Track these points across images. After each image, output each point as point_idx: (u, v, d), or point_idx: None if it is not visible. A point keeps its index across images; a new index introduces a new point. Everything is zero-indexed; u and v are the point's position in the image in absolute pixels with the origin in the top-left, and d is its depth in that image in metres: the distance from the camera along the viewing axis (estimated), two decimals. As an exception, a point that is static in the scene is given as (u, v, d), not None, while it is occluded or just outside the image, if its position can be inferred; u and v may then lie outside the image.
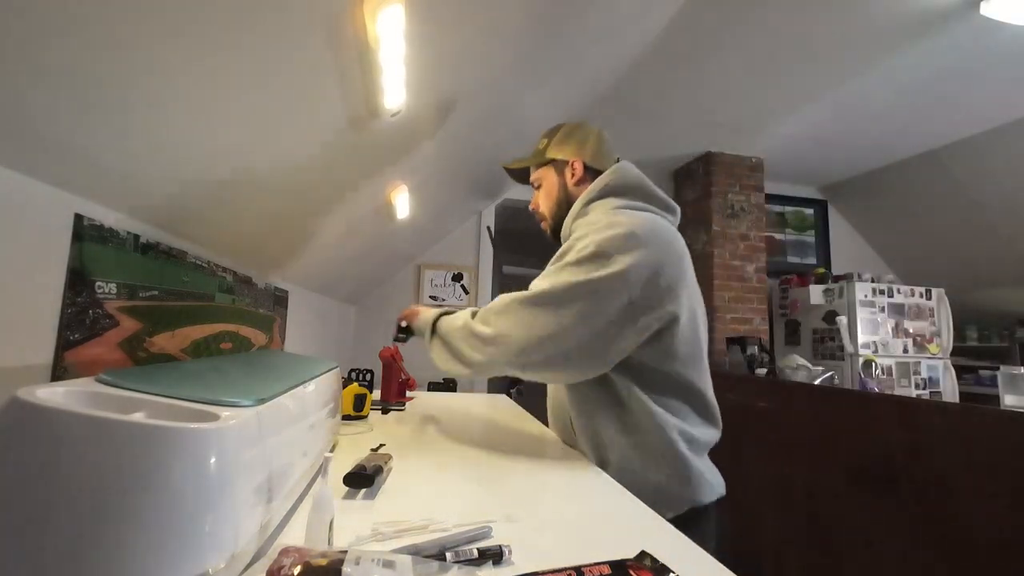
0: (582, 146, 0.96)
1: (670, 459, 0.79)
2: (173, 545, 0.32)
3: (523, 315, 0.79)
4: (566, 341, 0.76)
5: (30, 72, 0.49)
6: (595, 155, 0.95)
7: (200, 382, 0.50)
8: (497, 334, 0.80)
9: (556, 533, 0.54)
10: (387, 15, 0.73)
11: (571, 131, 0.98)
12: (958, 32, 1.94)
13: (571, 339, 0.76)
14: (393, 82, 0.91)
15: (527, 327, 0.78)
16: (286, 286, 1.65)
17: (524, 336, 0.78)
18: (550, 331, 0.76)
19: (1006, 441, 1.19)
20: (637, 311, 0.76)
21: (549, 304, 0.77)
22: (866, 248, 3.98)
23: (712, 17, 1.91)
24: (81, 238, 0.68)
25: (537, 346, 0.77)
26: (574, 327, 0.75)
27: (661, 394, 0.81)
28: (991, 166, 2.91)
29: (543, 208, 0.99)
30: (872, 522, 1.46)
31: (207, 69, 0.64)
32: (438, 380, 3.06)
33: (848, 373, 2.86)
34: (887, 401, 1.52)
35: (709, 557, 0.49)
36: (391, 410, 1.28)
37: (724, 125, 2.87)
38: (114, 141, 0.65)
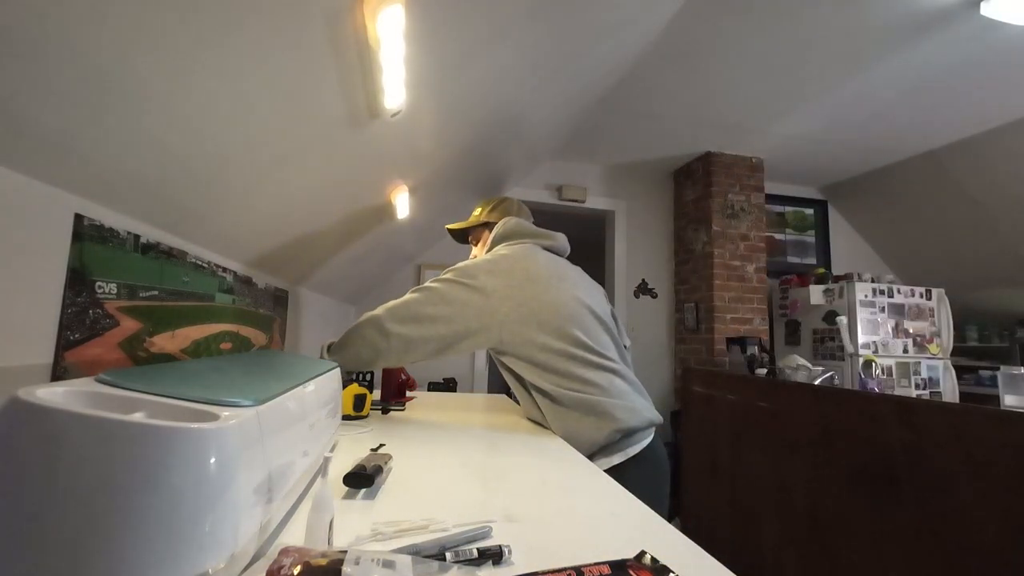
0: (505, 212, 1.33)
1: (585, 409, 1.03)
2: (173, 545, 0.32)
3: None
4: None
5: (30, 72, 0.49)
6: (511, 213, 1.34)
7: (200, 382, 0.50)
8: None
9: (556, 533, 0.54)
10: (387, 15, 0.73)
11: (496, 203, 1.36)
12: (958, 32, 1.94)
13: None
14: (393, 82, 0.91)
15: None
16: (286, 286, 1.65)
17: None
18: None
19: (1006, 441, 1.19)
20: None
21: None
22: (866, 248, 3.98)
23: (712, 17, 1.91)
24: (81, 238, 0.68)
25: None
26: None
27: (545, 368, 1.06)
28: (991, 166, 2.91)
29: (479, 254, 1.31)
30: (872, 522, 1.46)
31: (207, 69, 0.64)
32: (438, 380, 3.06)
33: (848, 373, 2.86)
34: (887, 401, 1.52)
35: (709, 557, 0.49)
36: (391, 410, 1.28)
37: (724, 125, 2.87)
38: (114, 141, 0.65)
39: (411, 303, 1.07)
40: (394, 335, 1.05)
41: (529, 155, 2.78)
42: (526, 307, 1.05)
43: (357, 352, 1.09)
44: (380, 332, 1.06)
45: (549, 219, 4.41)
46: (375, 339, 1.06)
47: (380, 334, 1.06)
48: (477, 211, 1.37)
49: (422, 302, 1.06)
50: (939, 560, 1.28)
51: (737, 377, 2.32)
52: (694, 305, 3.26)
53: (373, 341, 1.07)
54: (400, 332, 1.05)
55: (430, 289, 1.07)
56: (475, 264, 1.11)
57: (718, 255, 3.15)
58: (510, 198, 1.38)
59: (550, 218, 4.52)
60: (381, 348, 1.06)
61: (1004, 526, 1.16)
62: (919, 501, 1.35)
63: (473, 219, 1.37)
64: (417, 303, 1.06)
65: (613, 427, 1.00)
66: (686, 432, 2.60)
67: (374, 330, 1.07)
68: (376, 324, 1.07)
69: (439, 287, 1.07)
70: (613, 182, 3.57)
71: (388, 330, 1.05)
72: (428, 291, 1.07)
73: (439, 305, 1.05)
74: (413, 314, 1.06)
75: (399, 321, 1.05)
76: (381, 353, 1.07)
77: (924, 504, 1.34)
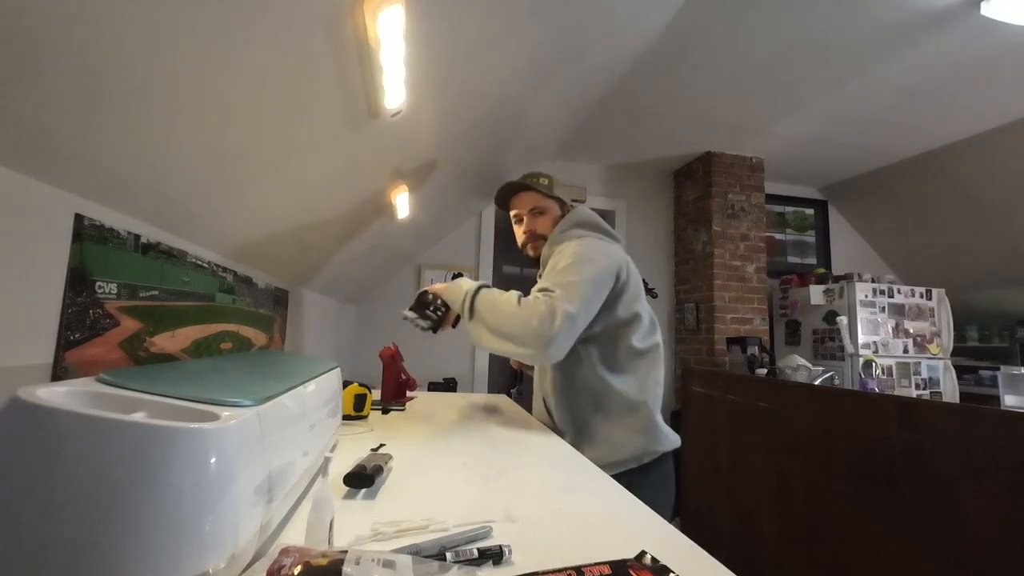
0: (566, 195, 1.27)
1: (650, 426, 1.06)
2: (173, 545, 0.32)
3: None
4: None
5: (30, 72, 0.49)
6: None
7: (200, 382, 0.50)
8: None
9: (556, 533, 0.54)
10: (387, 15, 0.73)
11: (558, 183, 1.26)
12: (958, 32, 1.94)
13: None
14: (393, 82, 0.91)
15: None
16: (286, 286, 1.65)
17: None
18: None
19: (1006, 441, 1.19)
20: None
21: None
22: (866, 248, 3.98)
23: (712, 17, 1.91)
24: (81, 238, 0.68)
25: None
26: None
27: (623, 370, 1.07)
28: (991, 166, 2.91)
29: (546, 231, 1.20)
30: (872, 522, 1.46)
31: (207, 69, 0.64)
32: (438, 380, 3.06)
33: (848, 373, 2.86)
34: (887, 401, 1.52)
35: (709, 557, 0.49)
36: (391, 410, 1.28)
37: (724, 125, 2.87)
38: (114, 141, 0.65)
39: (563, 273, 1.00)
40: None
41: (529, 155, 2.78)
42: (636, 304, 1.09)
43: (527, 320, 0.93)
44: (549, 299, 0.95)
45: (549, 219, 4.42)
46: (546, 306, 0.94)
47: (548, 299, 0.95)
48: (543, 180, 1.22)
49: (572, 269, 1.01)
50: (939, 560, 1.28)
51: (737, 377, 2.32)
52: (694, 305, 3.26)
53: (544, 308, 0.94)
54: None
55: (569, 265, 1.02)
56: (593, 246, 1.08)
57: (718, 255, 3.15)
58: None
59: (550, 218, 4.53)
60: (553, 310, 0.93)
61: (1004, 526, 1.16)
62: (919, 501, 1.35)
63: (546, 187, 1.21)
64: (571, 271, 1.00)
65: (654, 446, 1.05)
66: (686, 432, 2.60)
67: (543, 300, 0.95)
68: (542, 296, 0.97)
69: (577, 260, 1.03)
70: (613, 182, 3.57)
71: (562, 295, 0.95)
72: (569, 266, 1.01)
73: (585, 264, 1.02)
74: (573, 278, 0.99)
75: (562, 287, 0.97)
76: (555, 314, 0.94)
77: (924, 504, 1.34)
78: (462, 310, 1.03)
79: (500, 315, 0.97)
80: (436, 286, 1.11)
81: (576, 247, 1.06)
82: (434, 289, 1.10)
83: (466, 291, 1.03)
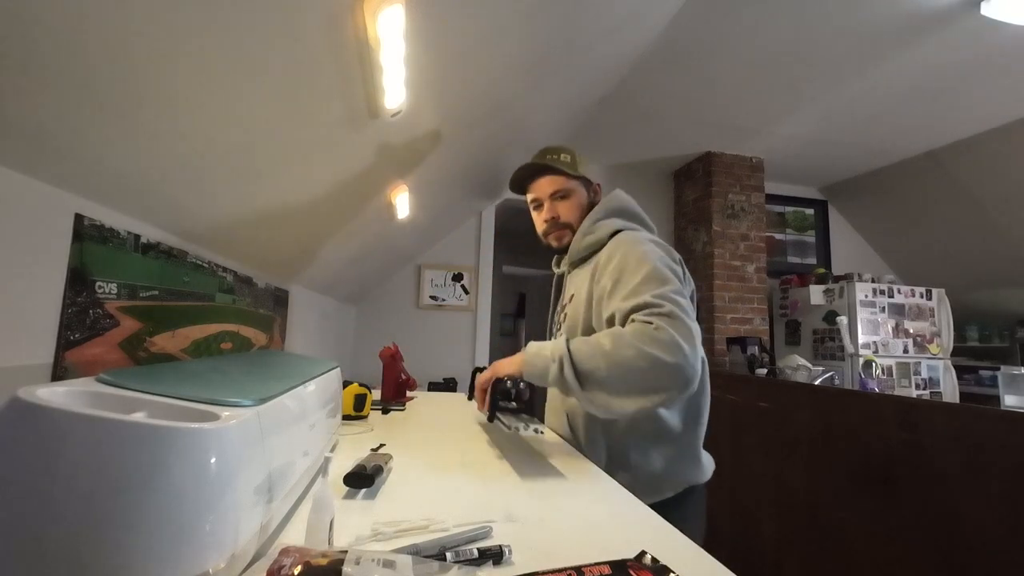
0: (591, 172, 1.08)
1: (691, 454, 0.93)
2: (173, 544, 0.32)
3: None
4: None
5: (30, 72, 0.49)
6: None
7: (200, 382, 0.50)
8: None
9: (556, 533, 0.54)
10: (387, 15, 0.73)
11: (587, 159, 1.07)
12: (958, 32, 1.94)
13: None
14: (393, 82, 0.91)
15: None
16: (286, 286, 1.65)
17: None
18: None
19: (1006, 441, 1.19)
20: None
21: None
22: (866, 248, 3.98)
23: (712, 17, 1.91)
24: (81, 238, 0.68)
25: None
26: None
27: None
28: (991, 166, 2.91)
29: (571, 218, 1.03)
30: (872, 522, 1.46)
31: (207, 69, 0.64)
32: (438, 380, 3.06)
33: (848, 373, 2.86)
34: (887, 401, 1.52)
35: (709, 557, 0.49)
36: (391, 410, 1.28)
37: (724, 125, 2.87)
38: (114, 141, 0.65)
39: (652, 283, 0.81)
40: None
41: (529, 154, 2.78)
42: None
43: (654, 359, 0.73)
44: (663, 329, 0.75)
45: (549, 219, 4.42)
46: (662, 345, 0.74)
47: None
48: (564, 156, 1.03)
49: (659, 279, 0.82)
50: (939, 560, 1.28)
51: (737, 377, 2.32)
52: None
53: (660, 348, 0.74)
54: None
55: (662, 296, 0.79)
56: (650, 242, 0.91)
57: (718, 255, 3.15)
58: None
59: (550, 218, 4.53)
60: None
61: (1004, 526, 1.16)
62: (919, 501, 1.35)
63: (568, 165, 1.03)
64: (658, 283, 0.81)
65: (695, 476, 0.92)
66: (686, 432, 2.59)
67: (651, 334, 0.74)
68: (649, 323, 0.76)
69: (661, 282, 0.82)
70: (613, 182, 3.57)
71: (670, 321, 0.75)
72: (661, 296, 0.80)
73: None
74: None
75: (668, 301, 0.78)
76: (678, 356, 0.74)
77: (924, 504, 1.34)
78: (561, 382, 0.79)
79: (620, 367, 0.75)
80: (503, 365, 0.85)
81: (634, 243, 0.89)
82: (503, 370, 0.85)
83: (551, 356, 0.80)
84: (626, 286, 0.83)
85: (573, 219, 1.02)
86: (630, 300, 0.80)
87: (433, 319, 3.26)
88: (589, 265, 0.97)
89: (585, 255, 1.01)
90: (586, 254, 1.00)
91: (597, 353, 0.78)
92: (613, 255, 0.90)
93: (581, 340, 0.82)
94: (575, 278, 1.02)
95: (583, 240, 1.00)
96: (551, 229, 1.05)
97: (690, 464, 0.92)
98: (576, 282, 1.01)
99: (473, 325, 3.30)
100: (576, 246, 1.01)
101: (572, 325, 0.96)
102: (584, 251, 1.00)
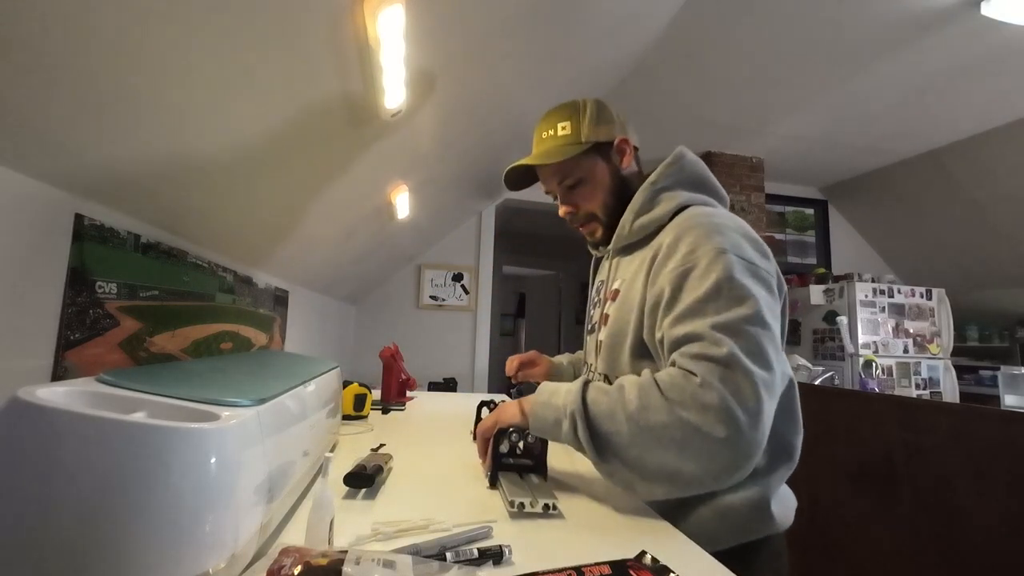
0: (619, 123, 0.80)
1: (767, 490, 0.67)
2: (173, 544, 0.32)
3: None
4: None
5: (30, 72, 0.49)
6: (631, 132, 0.82)
7: (200, 382, 0.50)
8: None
9: (556, 533, 0.54)
10: (387, 15, 0.73)
11: (599, 108, 0.80)
12: (958, 32, 1.94)
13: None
14: (393, 82, 0.91)
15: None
16: (286, 286, 1.65)
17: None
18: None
19: (1006, 441, 1.19)
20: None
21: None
22: (866, 248, 3.98)
23: (712, 17, 1.91)
24: (81, 238, 0.68)
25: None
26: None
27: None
28: (991, 166, 2.91)
29: (594, 207, 0.80)
30: (872, 522, 1.46)
31: (207, 69, 0.64)
32: (438, 380, 3.06)
33: (848, 373, 2.86)
34: (887, 401, 1.52)
35: (709, 557, 0.49)
36: (391, 410, 1.28)
37: (724, 125, 2.87)
38: (114, 141, 0.65)
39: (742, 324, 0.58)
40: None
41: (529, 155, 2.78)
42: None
43: (695, 431, 0.54)
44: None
45: (551, 219, 4.42)
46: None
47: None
48: (562, 128, 0.79)
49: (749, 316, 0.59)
50: (939, 560, 1.28)
51: (737, 377, 2.31)
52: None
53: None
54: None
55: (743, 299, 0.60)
56: (732, 227, 0.67)
57: (718, 255, 3.15)
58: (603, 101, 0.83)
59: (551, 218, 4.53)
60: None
61: (1004, 526, 1.16)
62: (919, 501, 1.35)
63: (588, 133, 0.77)
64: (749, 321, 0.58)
65: (775, 521, 0.68)
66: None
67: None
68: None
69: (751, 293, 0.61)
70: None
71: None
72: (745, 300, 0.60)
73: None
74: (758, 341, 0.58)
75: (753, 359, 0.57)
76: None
77: (924, 504, 1.34)
78: (576, 444, 0.62)
79: (646, 436, 0.57)
80: (506, 413, 0.68)
81: (710, 231, 0.65)
82: (506, 419, 0.67)
83: (563, 408, 0.63)
84: (683, 299, 0.62)
85: (596, 206, 0.80)
86: (680, 326, 0.60)
87: (433, 319, 3.26)
88: (644, 251, 0.73)
89: (639, 237, 0.76)
90: (640, 236, 0.76)
91: (618, 411, 0.59)
92: (679, 242, 0.66)
93: (601, 389, 0.62)
94: (624, 266, 0.78)
95: (636, 220, 0.75)
96: (574, 224, 0.84)
97: (773, 506, 0.67)
98: (626, 272, 0.76)
99: (473, 325, 3.30)
100: (625, 228, 0.76)
101: (617, 334, 0.73)
102: (638, 233, 0.75)
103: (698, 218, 0.68)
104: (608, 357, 0.74)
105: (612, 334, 0.74)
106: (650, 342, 0.67)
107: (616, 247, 0.80)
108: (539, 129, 0.82)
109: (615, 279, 0.79)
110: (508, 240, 4.80)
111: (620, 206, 0.79)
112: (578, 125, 0.78)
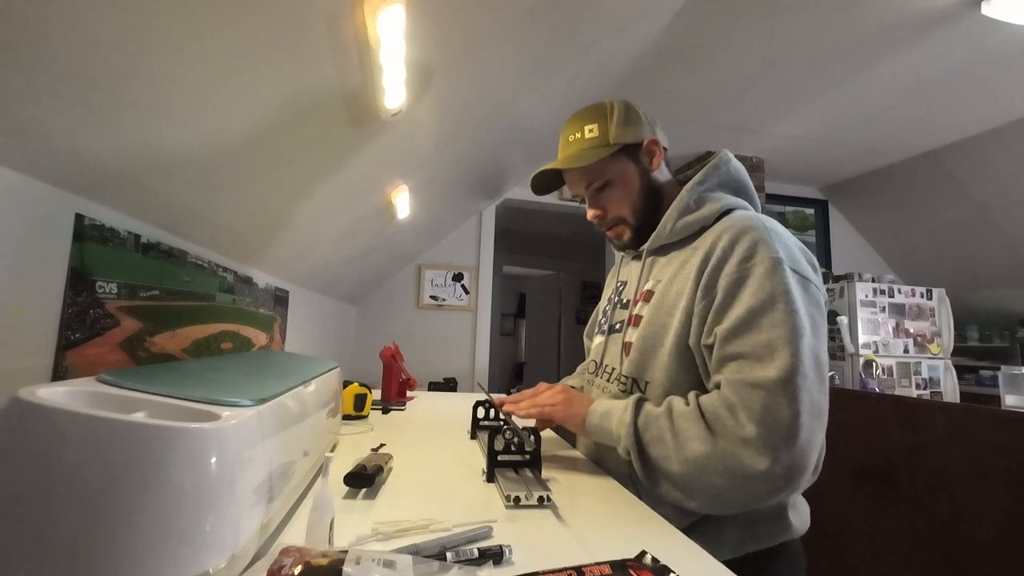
0: (647, 124, 0.81)
1: (792, 503, 0.70)
2: (173, 544, 0.32)
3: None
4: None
5: (30, 71, 0.49)
6: (659, 133, 0.82)
7: (201, 382, 0.50)
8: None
9: (556, 533, 0.54)
10: (387, 15, 0.73)
11: (627, 109, 0.80)
12: (958, 32, 1.94)
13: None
14: (393, 82, 0.91)
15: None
16: (287, 286, 1.65)
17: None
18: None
19: (1006, 441, 1.19)
20: None
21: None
22: (867, 248, 3.98)
23: (712, 17, 1.91)
24: (81, 238, 0.68)
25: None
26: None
27: None
28: (991, 166, 2.91)
29: (623, 210, 0.80)
30: (872, 522, 1.46)
31: (207, 69, 0.64)
32: (438, 380, 3.06)
33: (849, 373, 2.86)
34: (887, 401, 1.52)
35: (709, 557, 0.49)
36: (391, 410, 1.28)
37: (724, 125, 2.87)
38: (114, 141, 0.65)
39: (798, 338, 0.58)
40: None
41: (530, 155, 2.78)
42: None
43: (732, 470, 0.57)
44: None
45: (551, 219, 4.42)
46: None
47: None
48: (589, 131, 0.79)
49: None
50: (939, 560, 1.28)
51: (737, 377, 2.31)
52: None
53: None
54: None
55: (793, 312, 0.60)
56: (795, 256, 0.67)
57: (718, 255, 3.14)
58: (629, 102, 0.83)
59: (551, 218, 4.54)
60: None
61: (1004, 526, 1.16)
62: (919, 501, 1.35)
63: (616, 135, 0.78)
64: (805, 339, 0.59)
65: (791, 530, 0.70)
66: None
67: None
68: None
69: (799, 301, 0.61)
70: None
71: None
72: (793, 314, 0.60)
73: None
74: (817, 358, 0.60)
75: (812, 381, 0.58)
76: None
77: (924, 504, 1.34)
78: (630, 467, 0.67)
79: (692, 468, 0.60)
80: (570, 412, 0.73)
81: (767, 237, 0.65)
82: (567, 421, 0.74)
83: (615, 432, 0.67)
84: (736, 309, 0.61)
85: (625, 210, 0.79)
86: (729, 344, 0.61)
87: (433, 319, 3.26)
88: (684, 252, 0.72)
89: (680, 237, 0.75)
90: (681, 236, 0.75)
91: (668, 438, 0.61)
92: (735, 246, 0.65)
93: (652, 415, 0.64)
94: (660, 267, 0.77)
95: (680, 219, 0.74)
96: (602, 227, 0.83)
97: (791, 515, 0.69)
98: (662, 273, 0.75)
99: (473, 325, 3.31)
100: (667, 228, 0.75)
101: (652, 336, 0.71)
102: (680, 233, 0.74)
103: (752, 221, 0.68)
104: (639, 360, 0.72)
105: (646, 336, 0.72)
106: (695, 347, 0.66)
107: (652, 247, 0.79)
108: (565, 132, 0.83)
109: (648, 280, 0.78)
110: (508, 240, 4.80)
111: (650, 208, 0.79)
112: (606, 127, 0.78)
